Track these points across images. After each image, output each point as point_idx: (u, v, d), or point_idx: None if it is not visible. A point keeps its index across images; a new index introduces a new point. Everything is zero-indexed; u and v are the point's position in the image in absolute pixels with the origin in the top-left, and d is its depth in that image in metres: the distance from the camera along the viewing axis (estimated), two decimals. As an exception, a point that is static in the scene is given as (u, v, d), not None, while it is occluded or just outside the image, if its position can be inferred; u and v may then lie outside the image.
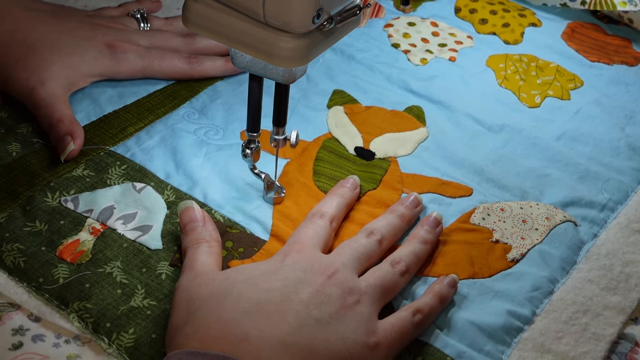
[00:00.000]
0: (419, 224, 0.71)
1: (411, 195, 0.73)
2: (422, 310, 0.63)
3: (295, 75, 0.64)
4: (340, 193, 0.72)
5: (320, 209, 0.69)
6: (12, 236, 0.67)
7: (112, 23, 0.85)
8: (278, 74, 0.63)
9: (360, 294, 0.61)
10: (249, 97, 0.68)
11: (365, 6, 0.62)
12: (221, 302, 0.57)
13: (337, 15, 0.60)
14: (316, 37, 0.60)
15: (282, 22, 0.58)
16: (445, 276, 0.67)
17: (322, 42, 0.60)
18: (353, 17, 0.61)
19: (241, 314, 0.56)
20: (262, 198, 0.73)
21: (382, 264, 0.66)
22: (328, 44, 0.61)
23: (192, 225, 0.67)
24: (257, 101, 0.68)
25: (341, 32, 0.62)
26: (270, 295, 0.58)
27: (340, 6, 0.60)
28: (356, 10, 0.61)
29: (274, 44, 0.59)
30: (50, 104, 0.76)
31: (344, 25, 0.61)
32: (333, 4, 0.59)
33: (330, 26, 0.60)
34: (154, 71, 0.83)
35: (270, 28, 0.59)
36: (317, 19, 0.58)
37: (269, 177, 0.72)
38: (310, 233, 0.66)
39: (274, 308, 0.57)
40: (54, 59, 0.78)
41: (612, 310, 0.67)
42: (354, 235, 0.68)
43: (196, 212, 0.67)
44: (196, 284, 0.61)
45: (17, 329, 0.62)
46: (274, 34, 0.59)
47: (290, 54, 0.59)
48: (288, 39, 0.59)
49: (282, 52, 0.59)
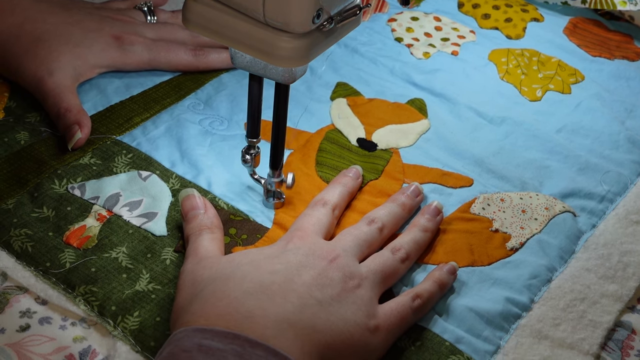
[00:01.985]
0: (420, 212, 0.72)
1: (412, 184, 0.74)
2: (421, 296, 0.64)
3: (295, 75, 0.64)
4: (343, 182, 0.73)
5: (322, 197, 0.70)
6: (20, 222, 0.69)
7: (119, 15, 0.86)
8: (278, 74, 0.63)
9: (361, 279, 0.62)
10: (249, 101, 0.68)
11: (365, 6, 0.62)
12: (225, 282, 0.59)
13: (337, 15, 0.60)
14: (316, 37, 0.60)
15: (282, 22, 0.58)
16: (445, 263, 0.68)
17: (322, 42, 0.61)
18: (353, 17, 0.61)
19: (245, 293, 0.57)
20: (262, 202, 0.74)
21: (383, 250, 0.67)
22: (328, 44, 0.61)
23: (194, 213, 0.68)
24: (257, 105, 0.68)
25: (341, 32, 0.62)
26: (273, 277, 0.59)
27: (340, 6, 0.60)
28: (356, 10, 0.61)
29: (274, 44, 0.59)
30: (59, 94, 0.77)
31: (344, 25, 0.61)
32: (333, 4, 0.59)
33: (330, 26, 0.60)
34: (160, 63, 0.85)
35: (270, 28, 0.59)
36: (317, 19, 0.58)
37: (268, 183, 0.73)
38: (313, 220, 0.67)
39: (277, 289, 0.58)
40: (62, 49, 0.79)
41: (609, 298, 0.68)
42: (356, 224, 0.69)
43: (197, 199, 0.69)
44: (200, 267, 0.62)
45: (25, 312, 0.63)
46: (274, 34, 0.59)
47: (290, 54, 0.59)
48: (288, 39, 0.59)
49: (282, 52, 0.59)
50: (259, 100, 0.68)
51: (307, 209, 0.70)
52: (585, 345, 0.65)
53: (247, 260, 0.61)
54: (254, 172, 0.72)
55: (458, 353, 0.63)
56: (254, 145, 0.70)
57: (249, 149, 0.71)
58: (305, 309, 0.57)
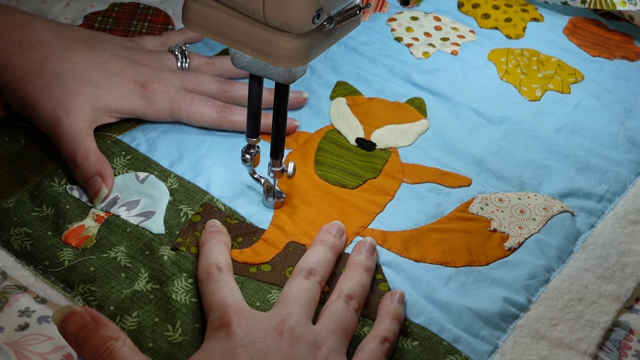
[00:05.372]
0: (356, 249, 0.68)
1: (335, 223, 0.70)
2: (388, 338, 0.62)
3: (295, 75, 0.63)
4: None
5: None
6: (20, 220, 0.69)
7: (147, 60, 0.81)
8: (278, 74, 0.63)
9: (327, 344, 0.60)
10: (249, 101, 0.68)
11: (365, 6, 0.62)
12: None
13: (337, 16, 0.60)
14: (316, 37, 0.60)
15: (282, 22, 0.58)
16: (392, 293, 0.65)
17: (322, 42, 0.60)
18: (353, 17, 0.61)
19: None
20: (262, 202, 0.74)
21: (337, 302, 0.63)
22: (328, 44, 0.61)
23: (88, 329, 0.56)
24: (256, 105, 0.68)
25: (341, 32, 0.62)
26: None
27: (340, 6, 0.60)
28: (356, 10, 0.61)
29: (274, 44, 0.59)
30: (75, 137, 0.72)
31: (343, 25, 0.61)
32: (333, 4, 0.59)
33: (330, 26, 0.59)
34: (182, 117, 0.79)
35: (270, 28, 0.59)
36: (317, 19, 0.58)
37: (268, 182, 0.73)
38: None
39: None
40: (81, 90, 0.75)
41: (607, 299, 0.68)
42: (290, 277, 0.65)
43: (83, 315, 0.57)
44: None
45: (24, 311, 0.64)
46: (274, 34, 0.59)
47: (290, 54, 0.59)
48: (288, 39, 0.59)
49: (282, 52, 0.59)
50: (259, 100, 0.68)
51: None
52: (583, 345, 0.65)
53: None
54: (253, 172, 0.72)
55: (456, 353, 0.63)
56: (254, 145, 0.71)
57: (248, 149, 0.71)
58: None
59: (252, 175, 0.73)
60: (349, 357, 0.61)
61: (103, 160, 0.73)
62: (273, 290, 0.66)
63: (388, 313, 0.64)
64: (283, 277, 0.67)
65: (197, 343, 0.62)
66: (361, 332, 0.64)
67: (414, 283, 0.68)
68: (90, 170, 0.71)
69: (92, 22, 0.92)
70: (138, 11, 0.94)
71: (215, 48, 0.90)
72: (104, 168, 0.72)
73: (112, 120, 0.78)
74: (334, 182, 0.76)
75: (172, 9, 0.95)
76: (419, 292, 0.67)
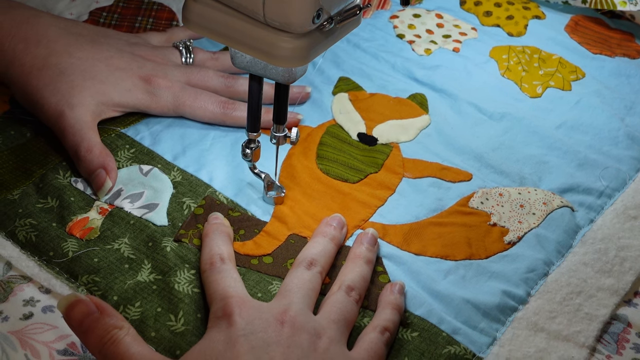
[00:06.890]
0: (358, 241, 0.69)
1: (335, 216, 0.71)
2: (389, 328, 0.63)
3: (295, 75, 0.64)
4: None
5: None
6: (25, 212, 0.70)
7: (151, 55, 0.81)
8: (278, 74, 0.64)
9: (328, 334, 0.60)
10: (249, 97, 0.68)
11: (365, 6, 0.63)
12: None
13: (337, 16, 0.60)
14: (316, 37, 0.60)
15: (282, 22, 0.58)
16: (392, 284, 0.66)
17: (322, 42, 0.61)
18: (353, 17, 0.61)
19: None
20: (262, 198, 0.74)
21: (338, 293, 0.64)
22: (328, 44, 0.61)
23: (93, 317, 0.57)
24: (257, 101, 0.68)
25: (341, 32, 0.62)
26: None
27: (340, 6, 0.60)
28: (356, 10, 0.61)
29: (274, 44, 0.59)
30: (78, 130, 0.73)
31: (344, 25, 0.61)
32: (333, 4, 0.59)
33: (330, 26, 0.60)
34: (185, 112, 0.79)
35: (270, 28, 0.59)
36: (317, 19, 0.58)
37: (269, 177, 0.73)
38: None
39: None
40: (85, 84, 0.75)
41: (605, 292, 0.69)
42: (291, 269, 0.66)
43: (88, 304, 0.58)
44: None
45: (28, 300, 0.64)
46: (274, 34, 0.59)
47: (290, 54, 0.59)
48: (288, 39, 0.59)
49: (282, 52, 0.59)
50: (259, 96, 0.68)
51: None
52: (581, 338, 0.65)
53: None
54: (254, 167, 0.73)
55: (455, 344, 0.64)
56: (254, 140, 0.71)
57: (249, 143, 0.71)
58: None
59: (252, 170, 0.73)
60: (349, 348, 0.61)
61: (106, 153, 0.73)
62: (274, 282, 0.67)
63: (388, 304, 0.65)
64: (284, 268, 0.68)
65: (200, 333, 0.62)
66: (361, 323, 0.64)
67: (414, 275, 0.68)
68: (93, 163, 0.72)
69: (97, 18, 0.93)
70: (143, 7, 0.95)
71: (219, 44, 0.90)
72: (107, 161, 0.73)
73: (116, 114, 0.78)
74: (336, 176, 0.76)
75: (177, 5, 0.96)
76: (419, 284, 0.68)
